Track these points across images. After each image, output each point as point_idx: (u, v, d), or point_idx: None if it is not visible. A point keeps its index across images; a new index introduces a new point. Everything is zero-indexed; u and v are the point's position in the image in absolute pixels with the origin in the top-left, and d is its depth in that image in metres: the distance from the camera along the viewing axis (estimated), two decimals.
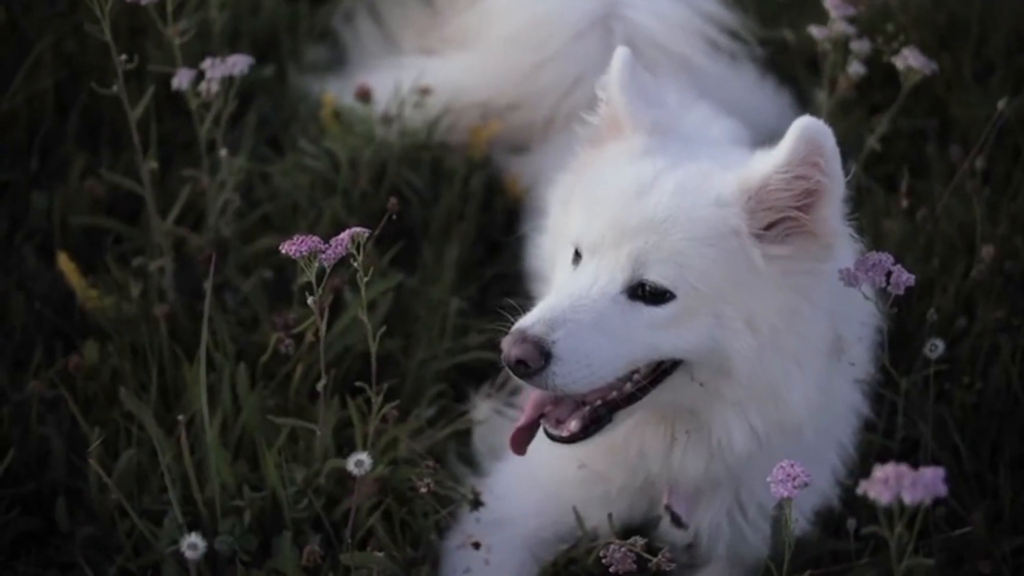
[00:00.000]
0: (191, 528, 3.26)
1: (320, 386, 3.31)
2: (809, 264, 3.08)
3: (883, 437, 3.65)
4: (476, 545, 3.35)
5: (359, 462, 3.10)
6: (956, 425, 3.71)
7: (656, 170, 3.14)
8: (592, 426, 3.18)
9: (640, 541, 3.20)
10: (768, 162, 3.03)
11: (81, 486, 3.57)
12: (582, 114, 3.46)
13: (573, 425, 3.17)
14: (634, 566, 3.17)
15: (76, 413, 3.63)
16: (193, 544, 2.93)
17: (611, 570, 3.17)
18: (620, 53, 3.29)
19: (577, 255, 3.19)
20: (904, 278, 3.17)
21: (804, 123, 2.97)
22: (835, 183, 3.00)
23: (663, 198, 3.07)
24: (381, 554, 3.33)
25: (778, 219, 3.05)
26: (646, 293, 3.06)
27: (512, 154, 4.66)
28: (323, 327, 3.19)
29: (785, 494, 2.83)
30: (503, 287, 4.26)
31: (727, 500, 3.39)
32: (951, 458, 3.66)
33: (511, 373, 3.04)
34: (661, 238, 3.05)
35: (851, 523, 3.32)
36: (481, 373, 4.00)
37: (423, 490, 3.29)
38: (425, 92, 4.52)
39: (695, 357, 3.10)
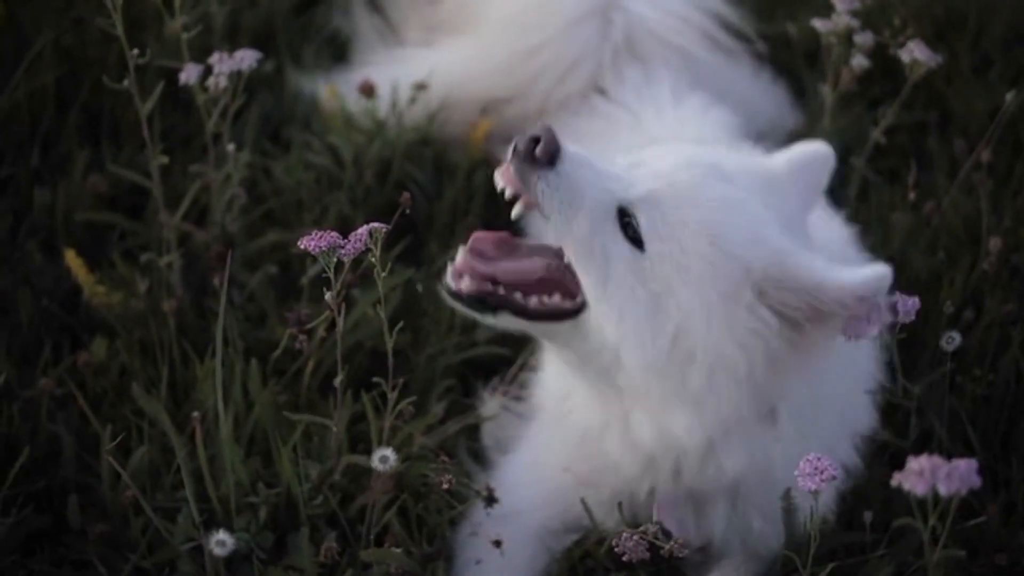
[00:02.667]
0: (207, 526, 3.25)
1: (337, 382, 3.29)
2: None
3: (895, 433, 3.65)
4: (497, 543, 3.32)
5: (384, 458, 3.06)
6: (968, 417, 3.72)
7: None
8: (478, 302, 3.14)
9: (652, 528, 3.17)
10: (833, 280, 2.97)
11: (92, 483, 3.54)
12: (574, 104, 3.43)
13: (465, 284, 3.15)
14: (647, 554, 3.14)
15: (86, 410, 3.60)
16: (221, 541, 2.90)
17: (624, 559, 3.15)
18: None
19: None
20: (910, 303, 3.10)
21: (883, 272, 2.94)
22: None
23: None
24: (399, 550, 3.31)
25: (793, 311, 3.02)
26: (628, 227, 3.05)
27: (506, 146, 4.63)
28: (341, 322, 3.17)
29: (812, 487, 2.82)
30: None
31: (733, 504, 3.34)
32: (963, 450, 3.66)
33: (508, 159, 3.10)
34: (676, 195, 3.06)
35: (867, 516, 3.33)
36: (489, 368, 3.98)
37: (444, 486, 3.28)
38: (421, 87, 4.48)
39: (603, 316, 3.04)
